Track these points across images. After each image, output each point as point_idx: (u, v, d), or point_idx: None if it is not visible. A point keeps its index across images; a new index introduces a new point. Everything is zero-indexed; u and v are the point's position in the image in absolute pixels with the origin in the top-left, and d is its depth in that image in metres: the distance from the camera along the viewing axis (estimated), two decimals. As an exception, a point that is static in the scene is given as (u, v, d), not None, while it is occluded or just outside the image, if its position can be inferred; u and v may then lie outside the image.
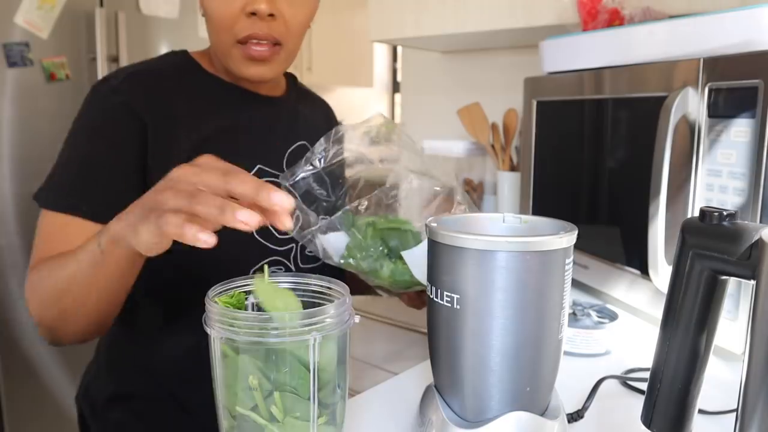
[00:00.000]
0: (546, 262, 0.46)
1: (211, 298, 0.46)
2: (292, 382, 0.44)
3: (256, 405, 0.44)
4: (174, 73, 0.81)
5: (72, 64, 1.83)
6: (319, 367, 0.44)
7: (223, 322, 0.43)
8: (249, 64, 0.77)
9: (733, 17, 0.75)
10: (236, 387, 0.44)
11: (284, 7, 0.76)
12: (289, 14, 0.76)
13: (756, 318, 0.35)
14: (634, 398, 0.68)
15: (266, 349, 0.43)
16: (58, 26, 1.79)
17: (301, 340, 0.43)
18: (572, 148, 1.09)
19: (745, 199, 0.72)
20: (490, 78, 1.76)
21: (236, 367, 0.44)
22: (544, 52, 1.13)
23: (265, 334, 0.42)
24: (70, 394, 0.86)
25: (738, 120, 0.73)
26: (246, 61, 0.77)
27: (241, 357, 0.44)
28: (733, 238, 0.38)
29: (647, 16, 1.04)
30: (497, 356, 0.47)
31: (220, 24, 0.75)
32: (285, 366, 0.44)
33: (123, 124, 0.74)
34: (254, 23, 0.74)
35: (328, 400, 0.46)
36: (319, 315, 0.43)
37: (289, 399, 0.44)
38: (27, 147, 1.76)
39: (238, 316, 0.43)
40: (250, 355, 0.44)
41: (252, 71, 0.77)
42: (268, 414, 0.44)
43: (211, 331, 0.44)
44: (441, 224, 0.49)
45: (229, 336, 0.43)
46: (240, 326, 0.43)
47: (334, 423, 0.47)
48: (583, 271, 1.05)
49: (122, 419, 0.82)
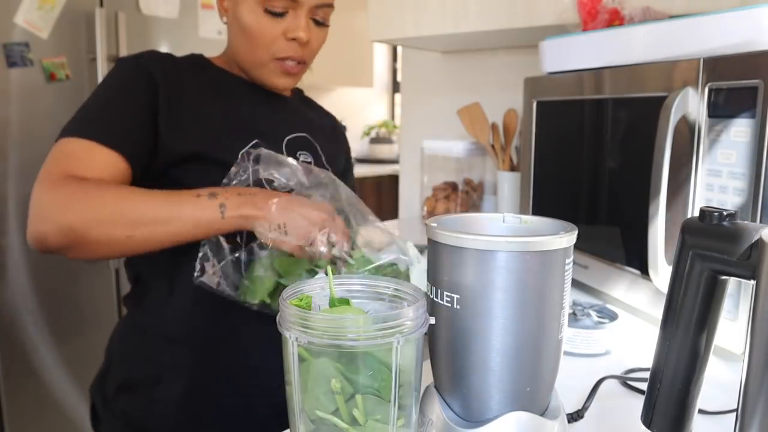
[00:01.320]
0: (546, 262, 0.46)
1: (285, 300, 0.45)
2: (375, 384, 0.44)
3: (337, 409, 0.43)
4: (189, 65, 0.92)
5: (72, 64, 1.83)
6: (400, 369, 0.44)
7: (303, 325, 0.42)
8: (281, 77, 0.92)
9: (733, 17, 0.75)
10: (317, 391, 0.43)
11: (313, 36, 0.90)
12: (315, 39, 0.91)
13: (756, 318, 0.35)
14: (634, 398, 0.68)
15: (350, 352, 0.43)
16: (58, 26, 1.79)
17: (386, 343, 0.42)
18: (572, 148, 1.09)
19: (745, 199, 0.72)
20: (490, 78, 1.76)
21: (316, 370, 0.43)
22: (544, 52, 1.13)
23: (351, 338, 0.42)
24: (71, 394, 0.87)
25: (738, 120, 0.73)
26: (280, 75, 0.91)
27: (321, 360, 0.43)
28: (733, 238, 0.38)
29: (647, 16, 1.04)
30: (497, 356, 0.47)
31: (260, 41, 0.88)
32: (368, 369, 0.43)
33: (141, 82, 0.84)
34: (293, 47, 0.88)
35: (406, 402, 0.46)
36: (402, 318, 0.43)
37: (371, 401, 0.44)
38: (27, 147, 1.76)
39: (318, 318, 0.42)
40: (329, 357, 0.43)
41: (282, 82, 0.93)
42: (350, 417, 0.43)
43: (289, 334, 0.42)
44: (441, 224, 0.49)
45: (311, 339, 0.42)
46: (319, 329, 0.42)
47: (410, 425, 0.47)
48: (583, 271, 1.05)
49: (128, 409, 0.86)
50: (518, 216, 0.55)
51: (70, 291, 1.93)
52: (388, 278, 0.50)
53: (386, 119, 4.25)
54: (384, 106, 4.40)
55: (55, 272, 1.89)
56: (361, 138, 4.04)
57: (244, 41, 0.89)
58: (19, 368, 1.83)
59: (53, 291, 1.89)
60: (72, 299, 1.93)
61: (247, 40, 0.88)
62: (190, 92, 0.87)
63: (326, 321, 0.42)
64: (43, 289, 1.87)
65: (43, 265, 1.85)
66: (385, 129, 4.05)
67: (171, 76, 0.86)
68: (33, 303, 1.85)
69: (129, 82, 0.85)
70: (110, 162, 0.79)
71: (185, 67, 0.90)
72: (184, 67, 0.90)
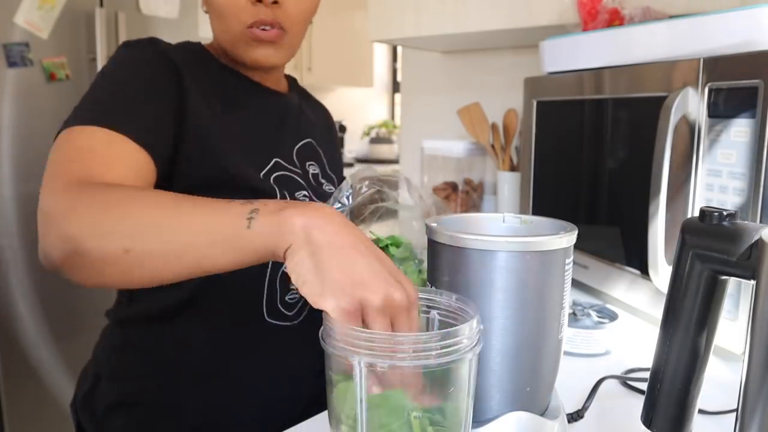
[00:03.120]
0: (546, 262, 0.46)
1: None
2: (453, 403, 0.42)
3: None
4: (191, 57, 0.82)
5: (72, 64, 1.83)
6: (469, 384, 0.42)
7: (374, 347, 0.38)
8: (256, 47, 0.80)
9: (733, 17, 0.75)
10: (391, 425, 0.40)
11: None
12: (292, 3, 0.80)
13: (756, 318, 0.35)
14: (634, 398, 0.68)
15: (433, 373, 0.40)
16: (58, 26, 1.79)
17: (463, 359, 0.40)
18: (572, 148, 1.09)
19: (745, 199, 0.72)
20: (490, 78, 1.76)
21: (388, 404, 0.40)
22: (544, 52, 1.13)
23: (438, 355, 0.39)
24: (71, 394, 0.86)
25: (738, 120, 0.73)
26: (253, 44, 0.80)
27: (396, 392, 0.40)
28: (733, 238, 0.38)
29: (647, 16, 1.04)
30: (497, 356, 0.47)
31: (227, 12, 0.78)
32: (450, 386, 0.41)
33: (161, 64, 0.75)
34: (260, 10, 0.78)
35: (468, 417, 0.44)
36: (464, 333, 0.41)
37: (448, 420, 0.42)
38: (27, 147, 1.76)
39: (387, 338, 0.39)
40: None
41: (259, 53, 0.81)
42: None
43: (358, 359, 0.38)
44: (441, 224, 0.49)
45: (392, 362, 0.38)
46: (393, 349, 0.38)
47: None
48: (583, 271, 1.05)
49: (126, 425, 0.80)
50: (518, 216, 0.55)
51: (70, 291, 1.93)
52: (445, 292, 0.47)
53: (386, 119, 4.25)
54: (384, 106, 4.40)
55: (55, 272, 1.89)
56: (361, 138, 4.04)
57: (217, 20, 0.81)
58: (18, 368, 1.83)
59: (53, 291, 1.89)
60: (72, 299, 1.93)
61: (219, 17, 0.80)
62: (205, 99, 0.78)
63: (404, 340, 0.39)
64: (43, 289, 1.87)
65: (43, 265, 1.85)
66: (385, 129, 4.05)
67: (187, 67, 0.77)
68: (33, 303, 1.85)
69: (146, 64, 0.74)
70: (134, 157, 0.64)
71: (193, 62, 0.80)
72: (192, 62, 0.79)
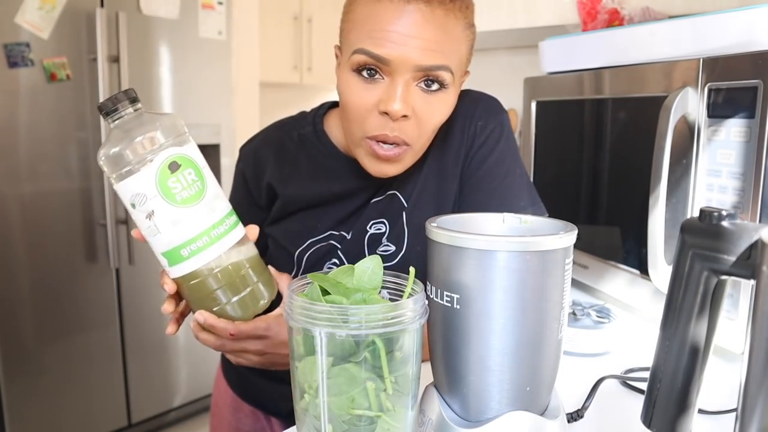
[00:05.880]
0: (546, 262, 0.46)
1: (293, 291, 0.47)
2: (403, 370, 0.46)
3: (369, 404, 0.45)
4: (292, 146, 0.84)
5: (73, 64, 1.83)
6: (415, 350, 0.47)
7: (331, 319, 0.43)
8: (374, 161, 0.72)
9: (732, 17, 0.75)
10: (352, 393, 0.45)
11: (420, 108, 0.68)
12: (425, 116, 0.69)
13: (756, 318, 0.35)
14: (633, 398, 0.68)
15: (387, 339, 0.45)
16: (58, 26, 1.79)
17: (408, 329, 0.45)
18: (572, 148, 1.09)
19: (744, 199, 0.72)
20: (490, 78, 1.76)
21: (348, 374, 0.44)
22: (544, 52, 1.13)
23: (391, 323, 0.44)
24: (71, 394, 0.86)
25: (737, 120, 0.73)
26: (371, 158, 0.72)
27: (353, 364, 0.44)
28: (733, 238, 0.38)
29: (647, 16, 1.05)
30: (497, 356, 0.47)
31: (351, 116, 0.70)
32: (398, 353, 0.46)
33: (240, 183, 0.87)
34: (386, 123, 0.68)
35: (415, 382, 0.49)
36: (407, 307, 0.45)
37: (399, 385, 0.46)
38: (28, 147, 1.76)
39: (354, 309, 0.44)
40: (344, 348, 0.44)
41: (376, 169, 0.72)
42: (378, 406, 0.45)
43: (320, 331, 0.43)
44: (441, 224, 0.50)
45: (348, 331, 0.43)
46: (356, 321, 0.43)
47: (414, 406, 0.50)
48: (583, 271, 1.05)
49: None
50: (518, 216, 0.55)
51: (70, 291, 1.94)
52: (390, 272, 0.51)
53: (386, 119, 4.25)
54: (384, 106, 4.39)
55: (55, 272, 1.89)
56: (361, 138, 4.04)
57: (342, 114, 0.73)
58: (19, 368, 1.83)
59: (53, 290, 1.89)
60: (72, 299, 1.94)
61: (344, 114, 0.72)
62: (282, 179, 0.84)
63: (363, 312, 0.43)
64: (44, 289, 1.87)
65: (44, 265, 1.86)
66: (385, 129, 4.05)
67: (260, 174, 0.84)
68: (33, 302, 1.85)
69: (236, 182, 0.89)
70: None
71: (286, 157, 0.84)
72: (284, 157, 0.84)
